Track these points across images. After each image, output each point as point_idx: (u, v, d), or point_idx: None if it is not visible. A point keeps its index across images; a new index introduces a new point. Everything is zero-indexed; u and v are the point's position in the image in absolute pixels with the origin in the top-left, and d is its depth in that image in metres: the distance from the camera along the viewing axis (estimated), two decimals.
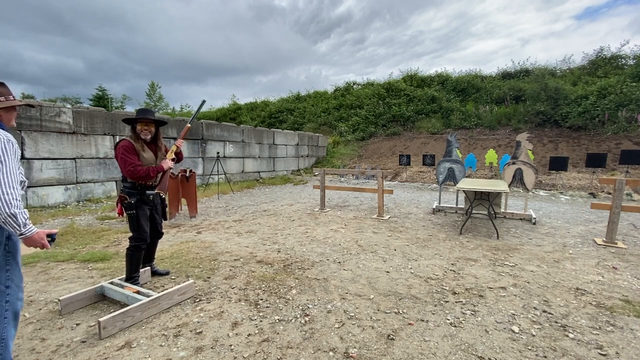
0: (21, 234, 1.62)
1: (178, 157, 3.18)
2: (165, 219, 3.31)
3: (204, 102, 3.51)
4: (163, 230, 3.23)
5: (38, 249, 1.77)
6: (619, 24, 56.29)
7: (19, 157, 1.73)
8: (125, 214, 2.85)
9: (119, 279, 2.86)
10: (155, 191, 2.94)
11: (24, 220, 1.61)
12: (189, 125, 3.23)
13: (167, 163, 2.95)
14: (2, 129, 1.74)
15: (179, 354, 2.05)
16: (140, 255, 2.88)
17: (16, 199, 1.58)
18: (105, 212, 6.30)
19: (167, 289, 2.71)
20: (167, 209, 3.43)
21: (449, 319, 2.47)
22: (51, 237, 1.76)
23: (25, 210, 1.65)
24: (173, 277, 3.23)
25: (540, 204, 7.80)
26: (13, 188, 1.58)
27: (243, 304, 2.70)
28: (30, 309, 2.59)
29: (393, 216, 6.26)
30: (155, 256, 3.68)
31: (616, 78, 13.45)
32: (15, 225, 1.58)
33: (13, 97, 1.81)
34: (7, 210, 1.54)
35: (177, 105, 50.61)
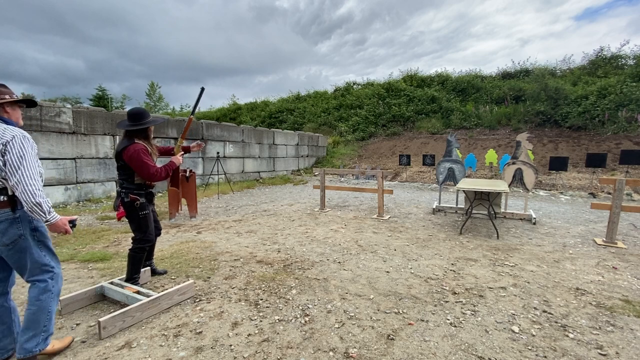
0: (47, 221, 1.76)
1: (186, 150, 3.28)
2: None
3: (203, 89, 3.24)
4: (163, 230, 3.24)
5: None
6: (618, 24, 56.32)
7: (37, 151, 1.85)
8: (135, 216, 2.79)
9: (119, 279, 2.86)
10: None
11: (48, 208, 1.74)
12: (191, 116, 3.23)
13: (178, 159, 3.00)
14: (15, 126, 1.83)
15: (179, 354, 2.05)
16: (144, 256, 2.89)
17: (39, 189, 1.72)
18: (105, 212, 6.30)
19: (167, 289, 2.72)
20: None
21: (449, 319, 2.47)
22: (72, 223, 1.88)
23: (48, 199, 1.77)
24: (173, 277, 3.23)
25: (540, 204, 7.80)
26: (35, 180, 1.72)
27: (243, 304, 2.70)
28: None
29: (393, 216, 6.26)
30: (156, 256, 3.68)
31: (616, 78, 13.44)
32: (40, 212, 1.72)
33: (16, 95, 1.89)
34: (33, 200, 1.68)
35: (177, 105, 50.71)
